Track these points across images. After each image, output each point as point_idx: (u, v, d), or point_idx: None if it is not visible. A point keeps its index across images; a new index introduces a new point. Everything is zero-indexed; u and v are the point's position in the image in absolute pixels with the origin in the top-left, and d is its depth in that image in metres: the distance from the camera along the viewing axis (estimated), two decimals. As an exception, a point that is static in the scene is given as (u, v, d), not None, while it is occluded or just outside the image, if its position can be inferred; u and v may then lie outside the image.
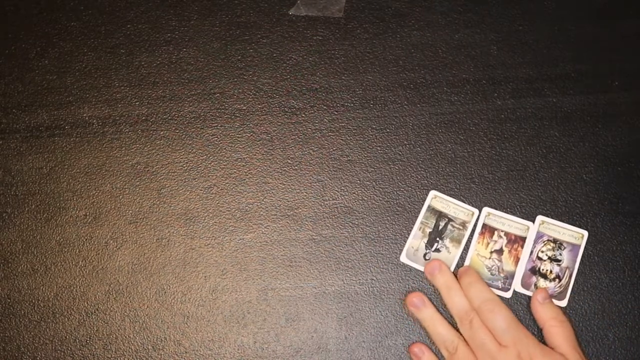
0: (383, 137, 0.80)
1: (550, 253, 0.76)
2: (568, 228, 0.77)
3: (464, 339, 0.73)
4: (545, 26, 0.82)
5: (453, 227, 0.77)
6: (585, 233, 0.77)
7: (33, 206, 0.80)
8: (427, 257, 0.77)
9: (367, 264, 0.77)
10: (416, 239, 0.77)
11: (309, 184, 0.79)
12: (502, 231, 0.77)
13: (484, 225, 0.77)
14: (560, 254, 0.76)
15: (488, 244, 0.77)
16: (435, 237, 0.77)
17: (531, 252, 0.77)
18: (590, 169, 0.79)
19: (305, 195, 0.79)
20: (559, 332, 0.73)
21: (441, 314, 0.75)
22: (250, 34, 0.83)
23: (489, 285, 0.76)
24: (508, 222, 0.77)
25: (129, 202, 0.79)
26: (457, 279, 0.75)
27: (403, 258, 0.77)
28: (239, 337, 0.76)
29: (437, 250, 0.77)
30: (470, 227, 0.77)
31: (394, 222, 0.78)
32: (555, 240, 0.76)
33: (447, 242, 0.77)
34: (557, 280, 0.76)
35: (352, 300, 0.77)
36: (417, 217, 0.78)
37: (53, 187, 0.80)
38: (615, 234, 0.77)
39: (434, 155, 0.80)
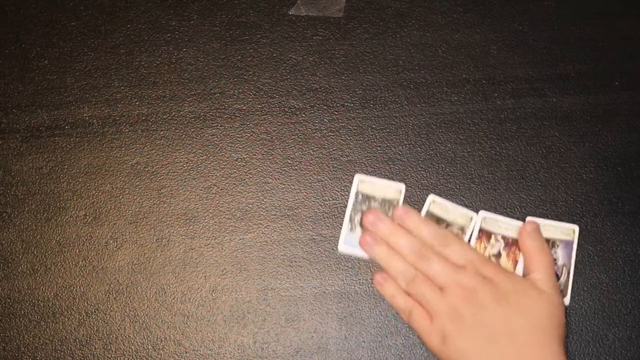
0: (383, 137, 0.80)
1: None
2: (558, 225, 0.76)
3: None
4: (545, 26, 0.82)
5: (452, 232, 0.77)
6: (576, 227, 0.76)
7: (33, 206, 0.80)
8: None
9: (367, 264, 0.77)
10: None
11: (309, 184, 0.79)
12: (498, 235, 0.77)
13: (481, 230, 0.77)
14: (555, 252, 0.76)
15: (485, 248, 0.76)
16: None
17: None
18: (590, 169, 0.79)
19: (305, 195, 0.79)
20: (538, 259, 0.73)
21: None
22: (250, 34, 0.83)
23: None
24: (504, 225, 0.76)
25: (129, 202, 0.79)
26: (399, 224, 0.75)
27: None
28: (239, 337, 0.77)
29: None
30: (469, 231, 0.77)
31: (394, 222, 0.78)
32: (547, 240, 0.76)
33: None
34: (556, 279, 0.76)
35: (352, 300, 0.77)
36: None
37: (53, 187, 0.80)
38: (615, 234, 0.77)
39: (434, 155, 0.80)
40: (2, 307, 0.77)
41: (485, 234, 0.76)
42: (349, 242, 0.77)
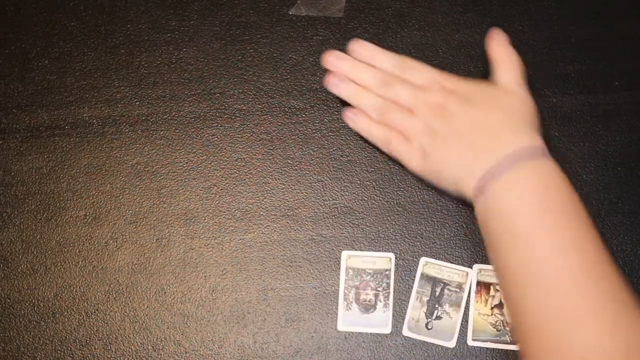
0: (383, 137, 0.80)
1: None
2: None
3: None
4: (545, 26, 0.82)
5: (450, 290, 0.75)
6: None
7: (33, 206, 0.80)
8: (429, 327, 0.75)
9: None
10: (415, 310, 0.75)
11: (309, 184, 0.79)
12: (496, 284, 0.74)
13: (478, 283, 0.75)
14: None
15: (487, 300, 0.74)
16: (434, 304, 0.75)
17: None
18: (590, 169, 0.79)
19: (305, 195, 0.79)
20: (506, 63, 0.74)
21: None
22: (250, 34, 0.83)
23: (497, 342, 0.74)
24: None
25: (129, 202, 0.79)
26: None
27: (405, 331, 0.75)
28: (239, 337, 0.76)
29: (438, 317, 0.75)
30: (467, 288, 0.75)
31: (394, 222, 0.78)
32: None
33: (446, 307, 0.75)
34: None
35: (352, 300, 0.77)
36: (417, 217, 0.78)
37: (53, 187, 0.80)
38: (615, 234, 0.77)
39: (434, 155, 0.79)
40: (2, 307, 0.77)
41: (483, 287, 0.75)
42: (348, 322, 0.76)
